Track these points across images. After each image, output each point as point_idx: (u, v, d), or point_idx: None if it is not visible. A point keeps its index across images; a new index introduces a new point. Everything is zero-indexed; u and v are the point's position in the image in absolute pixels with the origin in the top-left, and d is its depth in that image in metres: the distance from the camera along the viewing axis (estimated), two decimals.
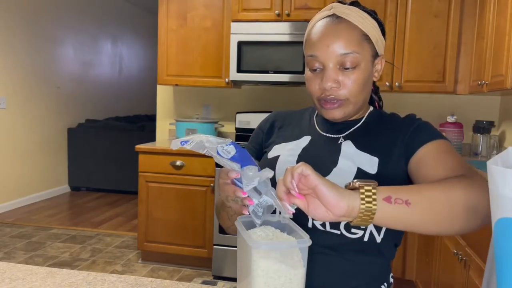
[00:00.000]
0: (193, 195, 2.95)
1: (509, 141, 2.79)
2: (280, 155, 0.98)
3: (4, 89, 4.33)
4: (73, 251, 3.34)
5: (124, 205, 4.80)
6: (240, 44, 2.96)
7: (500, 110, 3.01)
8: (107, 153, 5.22)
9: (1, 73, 4.28)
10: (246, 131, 3.22)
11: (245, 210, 0.76)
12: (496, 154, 2.51)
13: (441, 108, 3.12)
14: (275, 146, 1.02)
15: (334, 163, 0.92)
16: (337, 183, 0.88)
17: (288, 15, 2.92)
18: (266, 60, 2.93)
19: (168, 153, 2.95)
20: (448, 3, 2.74)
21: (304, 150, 0.97)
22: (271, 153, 1.01)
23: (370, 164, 0.89)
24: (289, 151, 0.98)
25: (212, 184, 2.90)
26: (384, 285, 0.93)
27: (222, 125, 3.39)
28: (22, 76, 4.56)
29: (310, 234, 0.69)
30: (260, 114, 3.14)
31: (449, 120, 2.93)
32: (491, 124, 2.81)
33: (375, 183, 0.68)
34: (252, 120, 3.21)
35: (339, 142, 0.96)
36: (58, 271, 0.92)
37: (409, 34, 2.81)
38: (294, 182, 0.68)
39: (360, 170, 0.89)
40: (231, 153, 0.74)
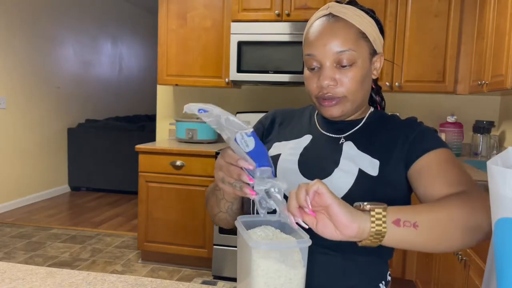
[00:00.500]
0: (193, 195, 2.95)
1: (509, 141, 2.79)
2: (281, 154, 0.98)
3: (4, 89, 4.33)
4: (73, 251, 3.34)
5: (124, 205, 4.80)
6: (240, 44, 2.96)
7: (500, 110, 3.01)
8: (107, 153, 5.21)
9: (1, 73, 4.28)
10: None
11: (249, 190, 0.73)
12: (496, 154, 2.51)
13: (441, 108, 3.12)
14: (276, 144, 1.02)
15: (336, 163, 0.92)
16: (338, 184, 0.89)
17: (288, 15, 2.91)
18: (266, 60, 2.93)
19: (168, 153, 2.95)
20: (448, 3, 2.74)
21: (306, 149, 0.97)
22: (271, 150, 1.01)
23: (372, 166, 0.89)
24: (290, 149, 0.98)
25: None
26: (382, 283, 0.94)
27: None
28: (22, 76, 4.56)
29: (310, 234, 0.69)
30: (260, 114, 3.14)
31: (449, 120, 2.93)
32: (491, 124, 2.81)
33: (385, 206, 0.68)
34: (252, 120, 3.20)
35: (340, 142, 0.96)
36: (58, 271, 0.92)
37: (409, 34, 2.81)
38: (309, 199, 0.67)
39: (362, 171, 0.89)
40: (250, 146, 0.71)
